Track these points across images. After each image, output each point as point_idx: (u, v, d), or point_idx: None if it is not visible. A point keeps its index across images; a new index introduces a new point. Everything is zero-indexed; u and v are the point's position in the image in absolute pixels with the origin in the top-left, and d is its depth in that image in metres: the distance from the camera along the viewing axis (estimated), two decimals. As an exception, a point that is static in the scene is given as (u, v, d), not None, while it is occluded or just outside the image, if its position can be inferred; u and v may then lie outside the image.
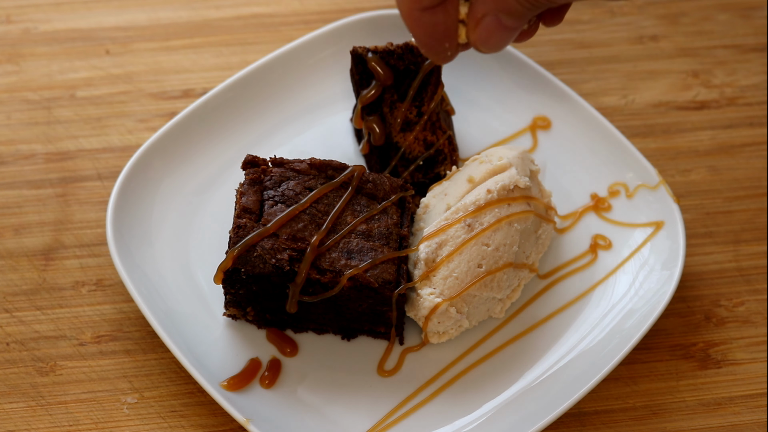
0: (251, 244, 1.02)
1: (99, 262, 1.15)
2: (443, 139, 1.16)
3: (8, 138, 1.24)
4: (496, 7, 0.69)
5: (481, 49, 0.73)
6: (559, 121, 1.24)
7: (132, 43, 1.33)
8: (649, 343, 1.11)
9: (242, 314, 1.08)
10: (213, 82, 1.28)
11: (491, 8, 0.69)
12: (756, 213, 1.21)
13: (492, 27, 0.70)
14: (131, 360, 1.09)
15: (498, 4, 0.69)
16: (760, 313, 1.14)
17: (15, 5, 1.36)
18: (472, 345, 1.09)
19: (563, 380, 1.05)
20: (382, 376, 1.07)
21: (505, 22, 0.70)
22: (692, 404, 1.08)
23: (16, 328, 1.10)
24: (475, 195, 1.07)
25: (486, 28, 0.70)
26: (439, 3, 0.70)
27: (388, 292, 1.02)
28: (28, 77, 1.29)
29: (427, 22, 0.71)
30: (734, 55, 1.35)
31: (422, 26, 0.72)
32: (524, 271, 1.10)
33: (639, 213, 1.17)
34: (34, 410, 1.05)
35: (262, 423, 1.00)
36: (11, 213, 1.18)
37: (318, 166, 1.09)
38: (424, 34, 0.72)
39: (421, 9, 0.71)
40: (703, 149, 1.27)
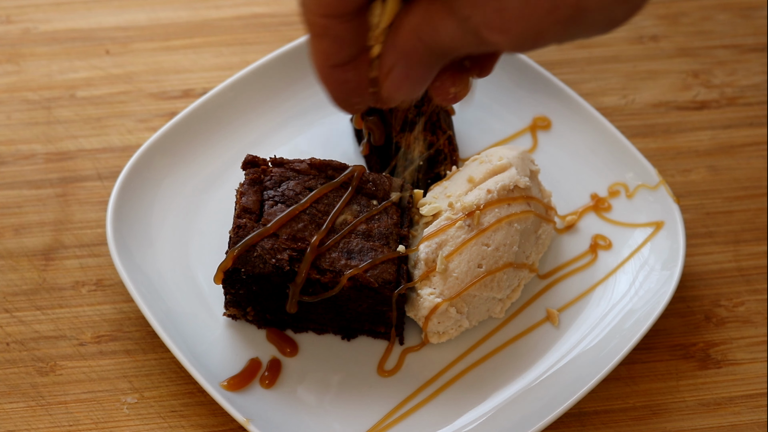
0: (251, 244, 1.02)
1: (99, 262, 1.15)
2: (443, 139, 1.16)
3: (8, 138, 1.24)
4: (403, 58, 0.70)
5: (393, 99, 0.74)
6: (559, 121, 1.24)
7: (132, 43, 1.33)
8: (649, 343, 1.11)
9: (242, 314, 1.08)
10: (213, 82, 1.28)
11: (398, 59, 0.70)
12: (756, 213, 1.21)
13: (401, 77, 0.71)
14: (131, 360, 1.09)
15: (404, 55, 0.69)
16: (760, 313, 1.14)
17: (15, 5, 1.36)
18: (472, 345, 1.09)
19: (563, 380, 1.05)
20: (382, 376, 1.07)
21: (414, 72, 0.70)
22: (692, 404, 1.08)
23: (16, 328, 1.10)
24: (475, 195, 1.07)
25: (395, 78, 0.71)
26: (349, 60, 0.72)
27: (388, 292, 1.02)
28: (28, 77, 1.29)
29: (338, 78, 0.73)
30: (734, 55, 1.35)
31: (333, 82, 0.73)
32: (524, 271, 1.10)
33: (639, 213, 1.17)
34: (34, 410, 1.05)
35: (262, 423, 1.00)
36: (11, 213, 1.18)
37: (318, 166, 1.09)
38: (334, 89, 0.74)
39: (332, 66, 0.72)
40: (703, 149, 1.27)
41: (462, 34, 0.66)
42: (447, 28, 0.66)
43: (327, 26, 0.69)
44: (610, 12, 0.65)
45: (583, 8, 0.64)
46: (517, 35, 0.65)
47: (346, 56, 0.71)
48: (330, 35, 0.70)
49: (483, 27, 0.65)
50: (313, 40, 0.71)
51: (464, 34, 0.66)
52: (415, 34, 0.68)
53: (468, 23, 0.65)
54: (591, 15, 0.64)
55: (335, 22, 0.69)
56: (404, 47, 0.69)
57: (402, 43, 0.69)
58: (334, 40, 0.70)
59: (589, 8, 0.64)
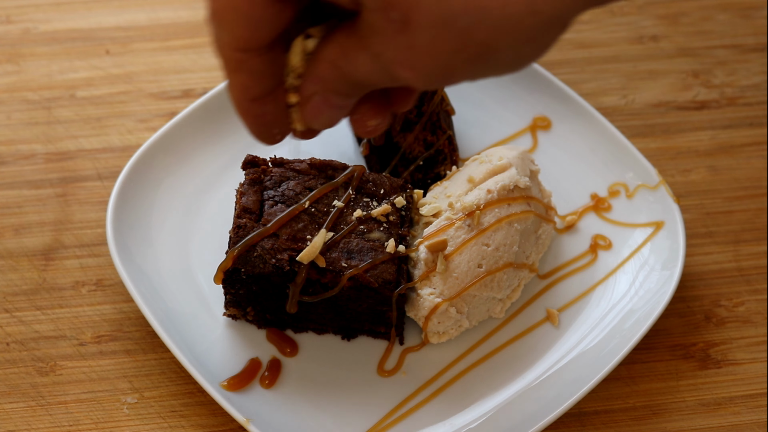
0: (251, 244, 1.02)
1: (99, 262, 1.15)
2: (443, 139, 1.16)
3: (8, 138, 1.24)
4: (322, 87, 0.72)
5: (311, 125, 0.75)
6: (559, 121, 1.24)
7: (132, 43, 1.33)
8: (649, 343, 1.11)
9: (242, 314, 1.08)
10: (213, 82, 1.28)
11: (318, 88, 0.72)
12: (756, 213, 1.21)
13: (320, 105, 0.73)
14: (131, 360, 1.09)
15: (323, 84, 0.71)
16: (760, 313, 1.14)
17: (15, 5, 1.36)
18: (472, 345, 1.09)
19: (563, 380, 1.05)
20: (382, 376, 1.07)
21: (332, 101, 0.72)
22: (692, 404, 1.08)
23: (16, 328, 1.10)
24: (475, 195, 1.07)
25: (314, 106, 0.73)
26: (267, 93, 0.73)
27: (388, 292, 1.02)
28: (28, 77, 1.29)
29: (256, 111, 0.74)
30: (734, 55, 1.35)
31: (252, 116, 0.74)
32: (524, 271, 1.10)
33: (639, 213, 1.17)
34: (34, 410, 1.05)
35: (262, 423, 1.00)
36: (11, 213, 1.18)
37: (318, 166, 1.09)
38: (253, 122, 0.75)
39: (250, 100, 0.73)
40: (703, 149, 1.27)
41: (375, 69, 0.68)
42: (361, 62, 0.68)
43: (242, 60, 0.70)
44: (519, 51, 0.66)
45: (492, 48, 0.65)
46: (426, 72, 0.66)
47: (263, 89, 0.72)
48: (246, 69, 0.71)
49: (394, 63, 0.66)
50: (229, 75, 0.72)
51: (377, 68, 0.67)
52: (333, 65, 0.69)
53: (380, 59, 0.67)
54: (499, 54, 0.65)
55: (250, 57, 0.70)
56: (323, 76, 0.70)
57: (321, 72, 0.70)
58: (250, 74, 0.71)
59: (497, 47, 0.65)
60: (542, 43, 0.66)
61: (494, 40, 0.64)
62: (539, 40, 0.66)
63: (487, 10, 0.63)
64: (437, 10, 0.63)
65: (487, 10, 0.63)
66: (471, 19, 0.63)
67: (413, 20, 0.64)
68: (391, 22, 0.64)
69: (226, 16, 0.68)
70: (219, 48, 0.70)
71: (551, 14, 0.64)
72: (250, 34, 0.68)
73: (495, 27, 0.63)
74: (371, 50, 0.67)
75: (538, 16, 0.64)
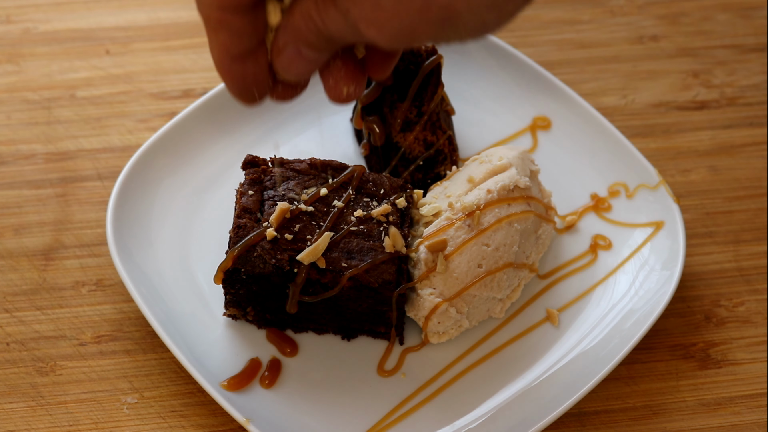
0: (251, 244, 1.02)
1: (99, 262, 1.15)
2: (443, 139, 1.16)
3: (8, 138, 1.24)
4: (295, 38, 0.74)
5: (283, 75, 0.77)
6: (559, 121, 1.24)
7: (132, 43, 1.33)
8: (649, 343, 1.11)
9: (242, 314, 1.08)
10: (213, 82, 1.28)
11: (291, 39, 0.74)
12: (756, 213, 1.21)
13: (292, 56, 0.75)
14: (131, 360, 1.09)
15: (296, 36, 0.74)
16: (760, 313, 1.14)
17: (15, 5, 1.36)
18: (472, 345, 1.09)
19: (563, 380, 1.05)
20: (382, 376, 1.07)
21: (305, 53, 0.75)
22: (692, 404, 1.08)
23: (16, 328, 1.10)
24: (475, 195, 1.07)
25: (287, 56, 0.75)
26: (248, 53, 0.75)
27: (388, 292, 1.02)
28: (28, 77, 1.29)
29: (236, 71, 0.76)
30: (734, 55, 1.35)
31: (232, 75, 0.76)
32: (524, 271, 1.10)
33: (639, 213, 1.17)
34: (34, 410, 1.05)
35: (262, 423, 1.00)
36: (11, 213, 1.18)
37: (318, 166, 1.09)
38: (233, 82, 0.77)
39: (231, 58, 0.75)
40: (703, 149, 1.27)
41: (344, 26, 0.70)
42: (332, 17, 0.71)
43: (223, 20, 0.72)
44: (481, 17, 0.68)
45: (454, 10, 0.67)
46: (391, 31, 0.69)
47: (243, 48, 0.74)
48: (226, 28, 0.73)
49: (361, 21, 0.69)
50: (210, 34, 0.74)
51: (346, 25, 0.70)
52: (306, 18, 0.72)
53: (348, 15, 0.69)
54: (462, 18, 0.68)
55: (230, 15, 0.72)
56: (296, 29, 0.73)
57: (294, 24, 0.73)
58: (230, 32, 0.73)
59: (459, 11, 0.67)
60: (504, 12, 0.69)
61: (456, 3, 0.67)
62: (501, 8, 0.68)
63: None
64: None
65: None
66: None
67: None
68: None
69: None
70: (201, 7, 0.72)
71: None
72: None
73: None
74: (340, 6, 0.69)
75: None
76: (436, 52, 1.16)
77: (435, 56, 1.15)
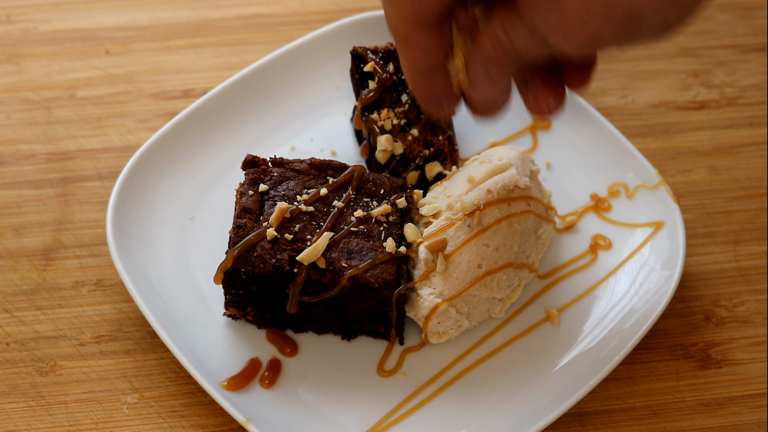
0: (251, 244, 1.02)
1: (99, 262, 1.15)
2: (443, 139, 1.16)
3: (8, 138, 1.24)
4: (484, 59, 0.77)
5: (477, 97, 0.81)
6: (559, 121, 1.24)
7: (132, 43, 1.33)
8: (649, 343, 1.11)
9: (242, 314, 1.08)
10: (213, 82, 1.28)
11: (481, 60, 0.77)
12: (756, 213, 1.21)
13: (483, 77, 0.78)
14: (131, 360, 1.09)
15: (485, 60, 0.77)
16: (760, 313, 1.14)
17: (15, 5, 1.36)
18: (472, 345, 1.09)
19: (563, 380, 1.05)
20: (382, 376, 1.07)
21: (493, 72, 0.78)
22: (692, 404, 1.08)
23: (16, 328, 1.10)
24: (475, 195, 1.07)
25: (478, 78, 0.78)
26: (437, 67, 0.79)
27: (388, 292, 1.02)
28: (28, 77, 1.29)
29: (427, 85, 0.80)
30: (734, 55, 1.35)
31: (422, 89, 0.80)
32: (524, 271, 1.10)
33: (639, 213, 1.17)
34: (34, 410, 1.05)
35: (262, 423, 1.00)
36: (11, 213, 1.18)
37: (318, 166, 1.09)
38: (425, 96, 0.81)
39: (422, 73, 0.79)
40: (703, 149, 1.27)
41: (532, 40, 0.73)
42: (519, 35, 0.73)
43: (411, 35, 0.76)
44: (664, 15, 0.69)
45: (637, 11, 0.68)
46: (577, 37, 0.71)
47: (432, 63, 0.78)
48: (415, 44, 0.77)
49: (548, 32, 0.71)
50: (400, 49, 0.78)
51: (534, 39, 0.73)
52: (494, 41, 0.75)
53: (535, 28, 0.72)
54: (645, 18, 0.69)
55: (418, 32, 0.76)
56: (486, 50, 0.76)
57: (483, 46, 0.76)
58: (419, 48, 0.77)
59: (642, 11, 0.68)
60: (686, 7, 0.70)
61: (638, 4, 0.68)
62: (683, 4, 0.69)
63: None
64: None
65: None
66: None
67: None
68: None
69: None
70: (391, 25, 0.76)
71: None
72: (417, 9, 0.74)
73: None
74: (527, 21, 0.72)
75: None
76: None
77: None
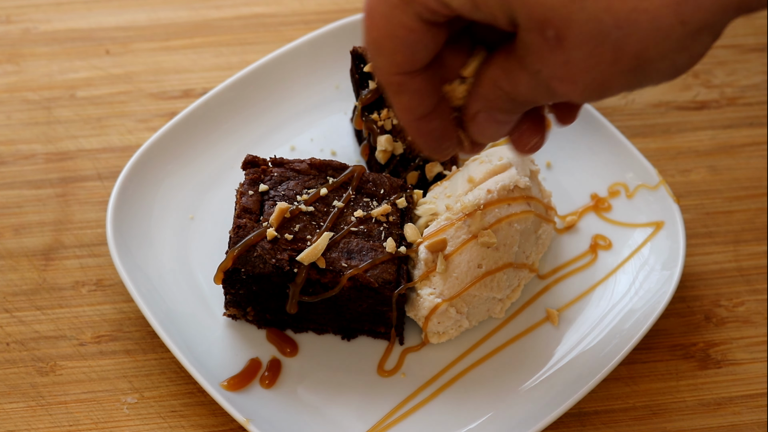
0: (251, 244, 1.02)
1: (99, 262, 1.15)
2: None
3: (8, 138, 1.24)
4: (486, 106, 0.76)
5: (479, 140, 0.80)
6: (559, 121, 1.24)
7: (132, 43, 1.33)
8: (649, 343, 1.11)
9: (242, 314, 1.08)
10: (213, 82, 1.28)
11: (482, 106, 0.76)
12: (756, 213, 1.21)
13: (485, 122, 0.77)
14: (131, 360, 1.09)
15: (487, 103, 0.75)
16: (760, 313, 1.14)
17: (15, 5, 1.36)
18: (472, 345, 1.09)
19: (563, 380, 1.05)
20: (382, 376, 1.07)
21: (497, 117, 0.77)
22: (692, 404, 1.08)
23: (16, 328, 1.10)
24: (476, 195, 1.07)
25: (480, 123, 0.77)
26: (432, 110, 0.77)
27: (388, 292, 1.02)
28: (28, 77, 1.29)
29: (424, 128, 0.78)
30: (734, 55, 1.35)
31: (421, 133, 0.79)
32: (524, 271, 1.10)
33: (639, 213, 1.17)
34: (34, 410, 1.05)
35: (262, 423, 1.00)
36: (11, 213, 1.18)
37: (318, 166, 1.09)
38: (423, 139, 0.79)
39: (417, 119, 0.77)
40: (703, 149, 1.27)
41: (535, 86, 0.71)
42: (521, 80, 0.71)
43: (403, 83, 0.75)
44: (673, 61, 0.68)
45: (645, 57, 0.67)
46: (584, 86, 0.69)
47: (427, 107, 0.77)
48: (407, 91, 0.75)
49: (552, 79, 0.69)
50: (393, 98, 0.76)
51: (537, 85, 0.71)
52: (495, 85, 0.74)
53: (539, 76, 0.70)
54: (653, 64, 0.68)
55: (410, 79, 0.74)
56: (487, 96, 0.75)
57: (485, 92, 0.75)
58: (411, 94, 0.75)
59: (651, 58, 0.67)
60: (695, 52, 0.68)
61: (646, 51, 0.66)
62: (691, 49, 0.68)
63: (636, 23, 0.65)
64: (589, 27, 0.65)
65: (636, 23, 0.65)
66: (622, 33, 0.65)
67: (567, 37, 0.66)
68: (546, 41, 0.67)
69: (385, 44, 0.72)
70: (379, 74, 0.75)
71: (700, 23, 0.66)
72: (409, 58, 0.73)
73: (646, 39, 0.66)
74: (530, 69, 0.70)
75: (688, 26, 0.65)
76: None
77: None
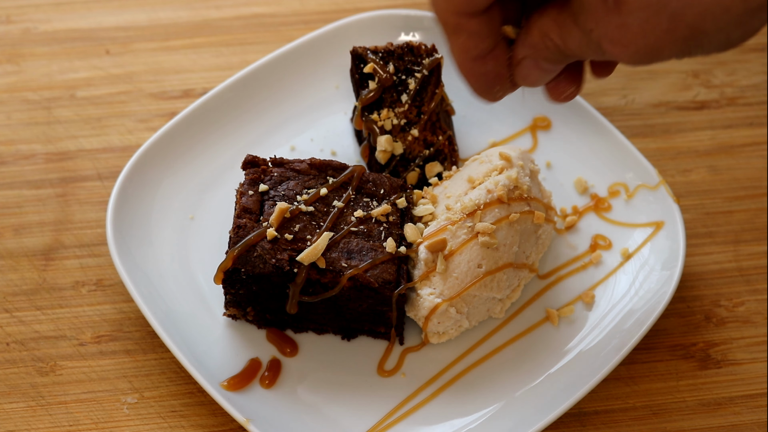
0: (251, 244, 1.02)
1: (99, 262, 1.15)
2: (443, 139, 1.16)
3: (8, 138, 1.24)
4: (533, 53, 0.78)
5: (521, 83, 0.82)
6: (559, 121, 1.24)
7: (132, 43, 1.33)
8: (649, 343, 1.11)
9: (242, 314, 1.08)
10: (213, 82, 1.28)
11: (529, 53, 0.78)
12: (756, 213, 1.21)
13: (530, 68, 0.79)
14: (131, 360, 1.09)
15: (534, 50, 0.78)
16: (760, 313, 1.14)
17: (15, 5, 1.36)
18: (472, 345, 1.09)
19: (563, 380, 1.05)
20: (382, 376, 1.07)
21: (542, 65, 0.79)
22: (692, 404, 1.08)
23: (16, 328, 1.10)
24: (476, 195, 1.07)
25: (525, 67, 0.79)
26: (487, 52, 0.79)
27: (388, 292, 1.02)
28: (28, 77, 1.29)
29: (478, 70, 0.80)
30: (734, 55, 1.35)
31: (474, 74, 0.80)
32: (524, 271, 1.10)
33: (639, 213, 1.17)
34: (34, 410, 1.05)
35: (262, 423, 1.00)
36: (11, 213, 1.18)
37: (318, 166, 1.09)
38: (476, 81, 0.81)
39: (472, 59, 0.79)
40: (703, 149, 1.27)
41: (586, 43, 0.73)
42: (572, 36, 0.74)
43: (460, 23, 0.76)
44: (727, 34, 0.70)
45: (701, 29, 0.69)
46: (636, 50, 0.71)
47: (482, 49, 0.78)
48: (464, 31, 0.77)
49: (604, 40, 0.71)
50: (449, 37, 0.78)
51: (587, 43, 0.73)
52: (545, 35, 0.76)
53: (591, 35, 0.72)
54: (708, 36, 0.69)
55: (467, 19, 0.76)
56: (534, 44, 0.77)
57: (533, 41, 0.77)
58: (468, 35, 0.77)
59: (707, 30, 0.69)
60: (750, 28, 0.70)
61: (703, 23, 0.68)
62: (747, 25, 0.69)
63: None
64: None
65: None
66: (681, 4, 0.67)
67: (626, 2, 0.68)
68: (604, 2, 0.70)
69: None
70: (437, 12, 0.76)
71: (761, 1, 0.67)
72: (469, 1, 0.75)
73: (705, 12, 0.67)
74: (582, 26, 0.72)
75: (749, 3, 0.67)
76: (436, 51, 1.16)
77: (435, 56, 1.15)
